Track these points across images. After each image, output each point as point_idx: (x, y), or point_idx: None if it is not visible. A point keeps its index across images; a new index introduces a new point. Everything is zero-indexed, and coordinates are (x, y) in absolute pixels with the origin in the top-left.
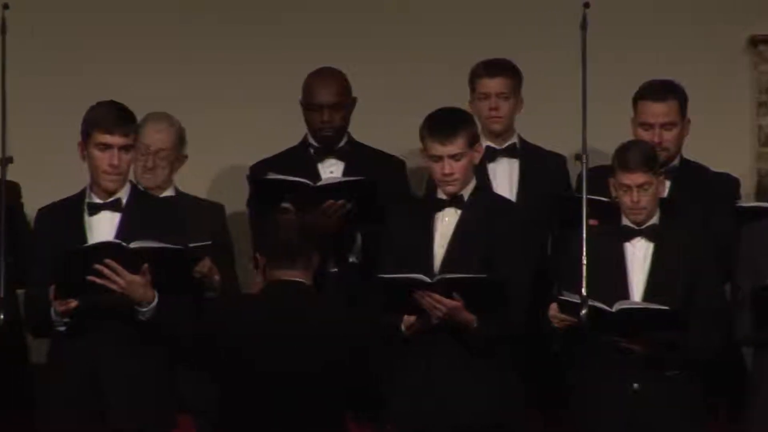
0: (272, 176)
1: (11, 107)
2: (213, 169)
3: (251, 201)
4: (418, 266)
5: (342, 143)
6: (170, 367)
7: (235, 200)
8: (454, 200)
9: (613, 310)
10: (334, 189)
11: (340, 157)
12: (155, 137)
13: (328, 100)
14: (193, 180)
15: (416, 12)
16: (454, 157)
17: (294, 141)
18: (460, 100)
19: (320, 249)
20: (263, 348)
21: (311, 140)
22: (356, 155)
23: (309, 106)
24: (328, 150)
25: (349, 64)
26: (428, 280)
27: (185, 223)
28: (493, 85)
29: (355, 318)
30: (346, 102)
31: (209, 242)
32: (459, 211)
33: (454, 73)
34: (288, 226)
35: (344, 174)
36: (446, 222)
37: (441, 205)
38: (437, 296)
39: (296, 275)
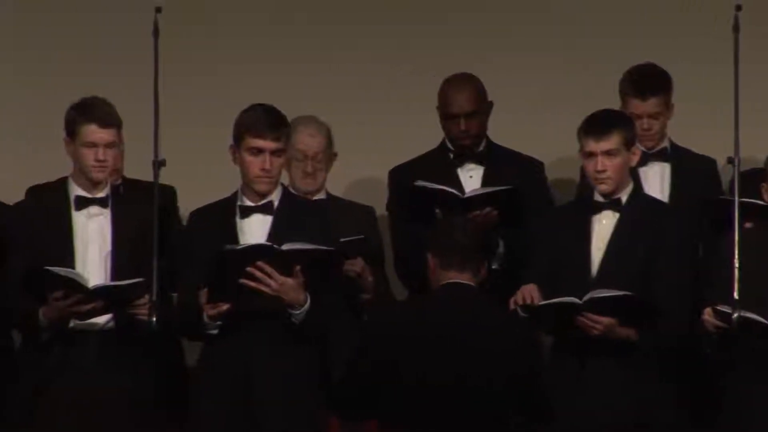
0: (422, 184)
1: (164, 110)
2: (353, 173)
3: (391, 205)
4: (576, 268)
5: (481, 147)
6: (321, 367)
7: (374, 203)
8: (612, 203)
9: None
10: (479, 200)
11: (479, 162)
12: (309, 142)
13: (463, 108)
14: (338, 183)
15: (558, 13)
16: (608, 153)
17: (433, 144)
18: (609, 101)
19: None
20: (432, 356)
21: (449, 144)
22: (495, 159)
23: (445, 115)
24: (466, 155)
25: (487, 66)
26: (579, 302)
27: (335, 225)
28: (645, 107)
29: (523, 326)
30: (481, 108)
31: (362, 236)
32: (617, 214)
33: (602, 75)
34: (464, 228)
35: (484, 178)
36: (603, 224)
37: (598, 208)
38: (592, 316)
39: (466, 278)
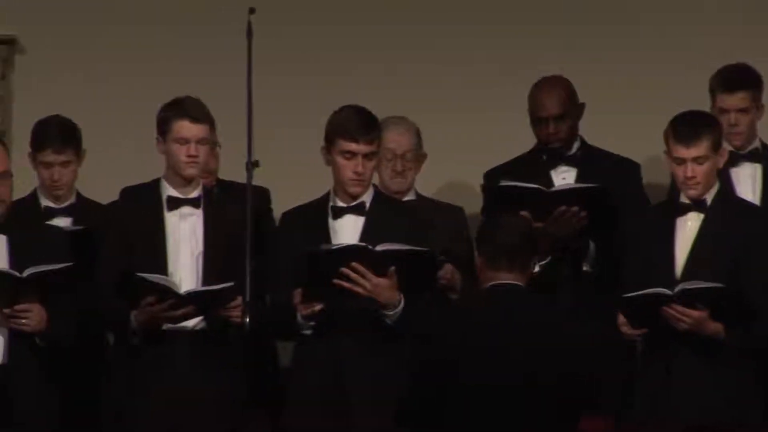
0: (506, 183)
1: (257, 111)
2: (443, 175)
3: (485, 208)
4: (660, 270)
5: (574, 150)
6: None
7: (469, 207)
8: (697, 204)
9: None
10: (566, 195)
11: (572, 164)
12: (399, 141)
13: (552, 112)
14: (428, 185)
15: (648, 12)
16: (697, 160)
17: (527, 147)
18: (698, 102)
19: (537, 254)
20: (487, 357)
21: (542, 147)
22: (589, 160)
23: (534, 118)
24: (560, 157)
25: (578, 67)
26: (669, 292)
27: (427, 226)
28: (732, 101)
29: (576, 323)
30: (571, 111)
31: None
32: (702, 215)
33: (689, 74)
34: (509, 227)
35: (577, 180)
36: (689, 226)
37: (683, 210)
38: (682, 308)
39: (513, 278)
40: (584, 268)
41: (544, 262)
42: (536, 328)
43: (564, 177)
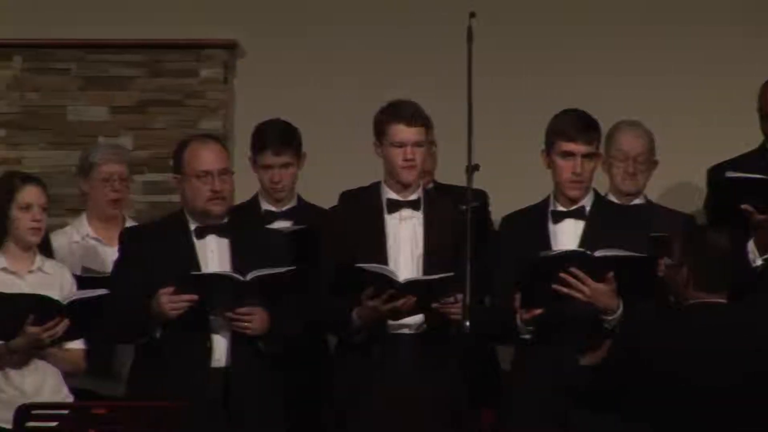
0: (731, 174)
1: (477, 115)
2: (672, 175)
3: (708, 204)
4: None
5: None
6: None
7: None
8: None
9: None
10: None
11: None
12: (633, 143)
13: None
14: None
15: None
16: None
17: (754, 144)
18: None
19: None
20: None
21: None
22: None
23: (763, 115)
24: None
25: None
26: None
27: (648, 231)
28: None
29: None
30: None
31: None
32: None
33: None
34: (720, 245)
35: None
36: None
37: None
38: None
39: (718, 297)
40: None
41: (766, 257)
42: (750, 329)
43: None
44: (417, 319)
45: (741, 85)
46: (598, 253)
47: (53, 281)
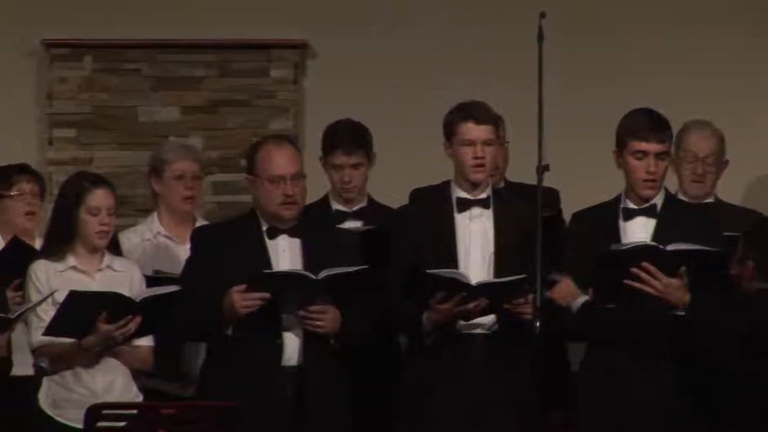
0: None
1: (548, 115)
2: (743, 174)
3: None
4: None
5: None
6: None
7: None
8: None
9: None
10: None
11: None
12: (702, 144)
13: None
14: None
15: None
16: None
17: None
18: None
19: None
20: None
21: None
22: None
23: None
24: None
25: None
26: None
27: (719, 227)
28: None
29: None
30: None
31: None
32: None
33: None
34: None
35: None
36: None
37: None
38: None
39: None
40: None
41: None
42: None
43: None
44: (489, 319)
45: None
46: (669, 248)
47: (123, 279)
